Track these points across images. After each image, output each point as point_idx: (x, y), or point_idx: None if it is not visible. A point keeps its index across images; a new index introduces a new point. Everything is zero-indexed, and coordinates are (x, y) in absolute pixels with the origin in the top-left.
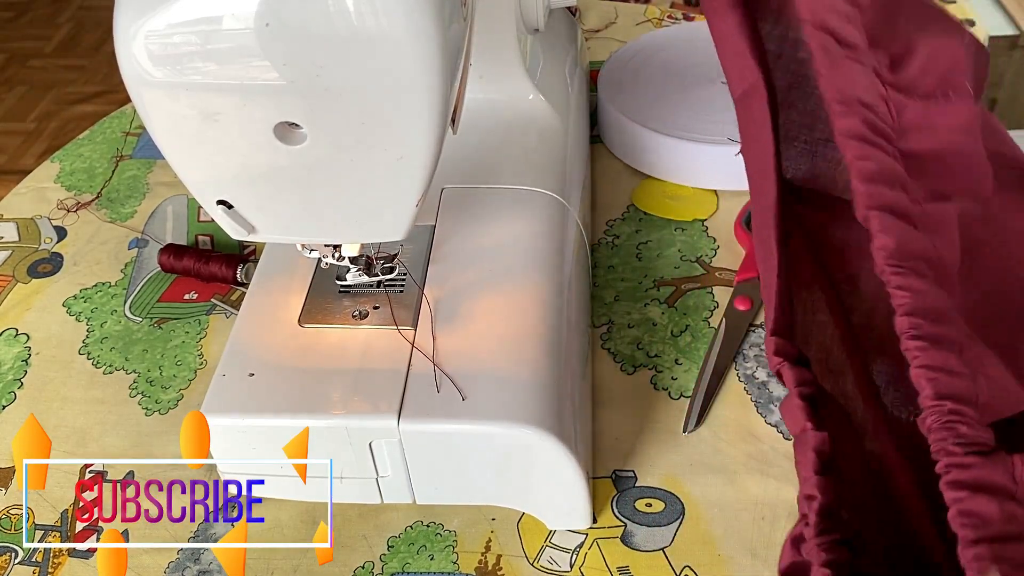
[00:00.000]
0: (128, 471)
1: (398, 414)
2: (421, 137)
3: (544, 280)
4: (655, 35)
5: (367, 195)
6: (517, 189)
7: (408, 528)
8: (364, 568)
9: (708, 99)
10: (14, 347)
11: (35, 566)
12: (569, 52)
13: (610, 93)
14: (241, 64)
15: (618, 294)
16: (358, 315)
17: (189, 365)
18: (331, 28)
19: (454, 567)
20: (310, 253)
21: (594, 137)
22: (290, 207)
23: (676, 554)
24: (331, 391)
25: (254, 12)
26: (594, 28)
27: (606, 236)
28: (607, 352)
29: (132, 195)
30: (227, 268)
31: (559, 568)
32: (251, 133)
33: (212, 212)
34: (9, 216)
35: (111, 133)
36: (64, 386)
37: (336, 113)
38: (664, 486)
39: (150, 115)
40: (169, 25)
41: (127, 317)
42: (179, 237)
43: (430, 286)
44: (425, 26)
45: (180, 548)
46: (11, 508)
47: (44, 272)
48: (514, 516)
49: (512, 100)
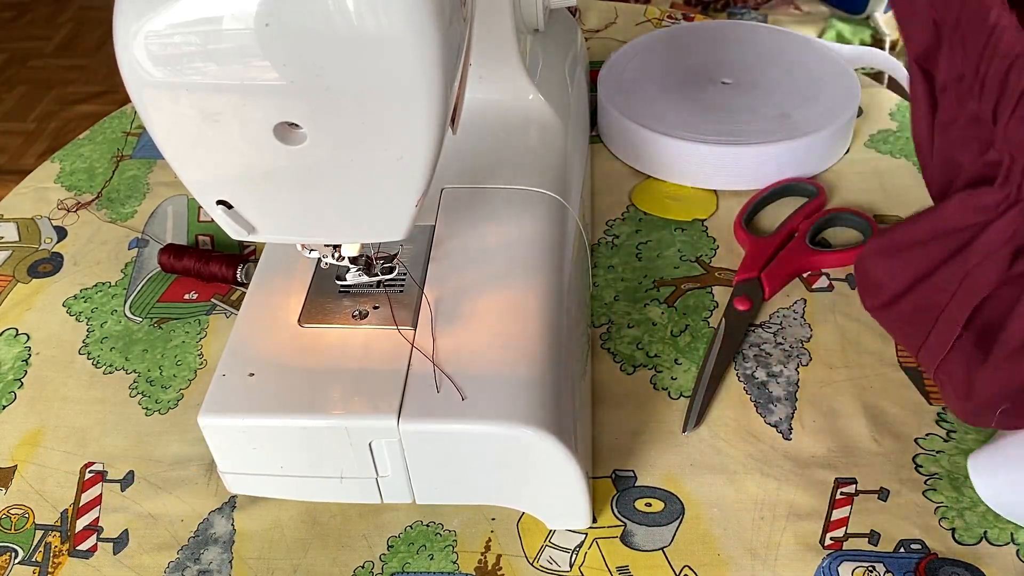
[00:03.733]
0: (128, 471)
1: (398, 414)
2: (421, 137)
3: (544, 280)
4: (655, 35)
5: (367, 195)
6: (517, 189)
7: (408, 528)
8: (364, 568)
9: (708, 99)
10: (14, 347)
11: (35, 566)
12: (569, 52)
13: (610, 93)
14: (241, 64)
15: (618, 294)
16: (358, 315)
17: (189, 365)
18: (331, 28)
19: (454, 567)
20: (310, 253)
21: (594, 137)
22: (290, 207)
23: (676, 554)
24: (331, 391)
25: (254, 12)
26: (594, 28)
27: (606, 236)
28: (607, 352)
29: (132, 195)
30: (227, 268)
31: (559, 568)
32: (251, 133)
33: (212, 212)
34: (9, 216)
35: (111, 133)
36: (64, 386)
37: (336, 113)
38: (664, 486)
39: (150, 115)
40: (169, 25)
41: (127, 317)
42: (179, 237)
43: (430, 286)
44: (425, 26)
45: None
46: (11, 508)
47: (44, 272)
48: (514, 516)
49: (512, 100)
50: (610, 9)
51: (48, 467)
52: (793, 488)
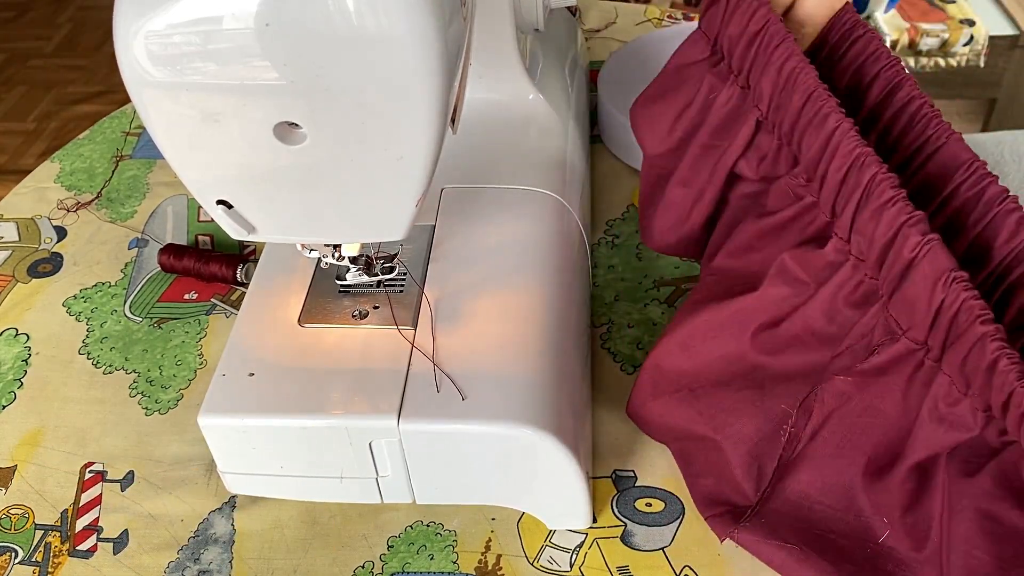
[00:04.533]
0: (128, 471)
1: (398, 414)
2: (421, 137)
3: (544, 280)
4: (655, 35)
5: (367, 195)
6: (517, 189)
7: (408, 528)
8: (364, 568)
9: None
10: (14, 347)
11: (35, 566)
12: (569, 52)
13: (610, 93)
14: (241, 64)
15: (618, 294)
16: (358, 315)
17: (189, 365)
18: (331, 28)
19: (454, 567)
20: (310, 253)
21: (594, 137)
22: (290, 207)
23: (676, 554)
24: (331, 391)
25: (254, 12)
26: (594, 28)
27: (606, 236)
28: (607, 352)
29: (132, 195)
30: (227, 268)
31: (559, 568)
32: (251, 133)
33: (212, 212)
34: (9, 216)
35: (111, 133)
36: (64, 386)
37: (336, 113)
38: (664, 486)
39: (150, 115)
40: (169, 25)
41: (127, 317)
42: (179, 237)
43: (430, 286)
44: (425, 26)
45: (180, 548)
46: (11, 508)
47: (44, 272)
48: (514, 516)
49: (512, 100)
50: (610, 9)
51: (48, 467)
52: None
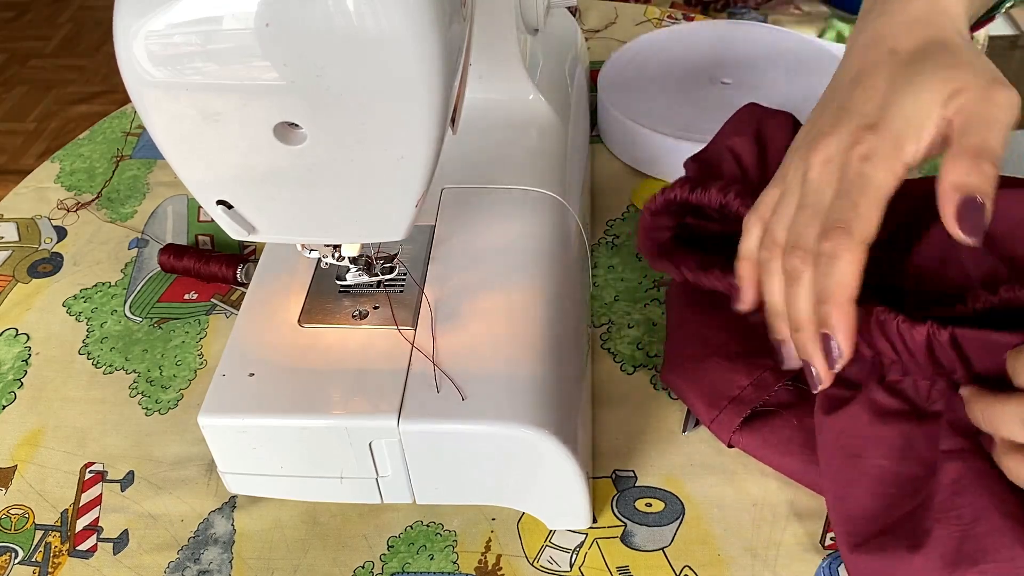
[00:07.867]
0: (128, 471)
1: (398, 414)
2: (421, 137)
3: (544, 280)
4: (655, 35)
5: (367, 195)
6: (517, 189)
7: (408, 528)
8: (364, 568)
9: (708, 99)
10: (14, 347)
11: (35, 566)
12: (569, 52)
13: (610, 93)
14: (241, 64)
15: (618, 294)
16: (358, 315)
17: (189, 365)
18: (331, 28)
19: (454, 567)
20: (310, 253)
21: (594, 137)
22: (290, 207)
23: (676, 554)
24: (331, 391)
25: (254, 12)
26: (594, 28)
27: (606, 236)
28: (607, 352)
29: (132, 195)
30: (227, 268)
31: (559, 568)
32: (251, 133)
33: (212, 212)
34: (9, 216)
35: (111, 133)
36: (64, 386)
37: (336, 113)
38: (664, 486)
39: (150, 115)
40: (169, 25)
41: (127, 317)
42: (179, 237)
43: (430, 286)
44: (425, 26)
45: (180, 548)
46: (11, 508)
47: (44, 272)
48: (514, 516)
49: (512, 100)
50: (610, 9)
51: (48, 467)
52: (793, 488)
